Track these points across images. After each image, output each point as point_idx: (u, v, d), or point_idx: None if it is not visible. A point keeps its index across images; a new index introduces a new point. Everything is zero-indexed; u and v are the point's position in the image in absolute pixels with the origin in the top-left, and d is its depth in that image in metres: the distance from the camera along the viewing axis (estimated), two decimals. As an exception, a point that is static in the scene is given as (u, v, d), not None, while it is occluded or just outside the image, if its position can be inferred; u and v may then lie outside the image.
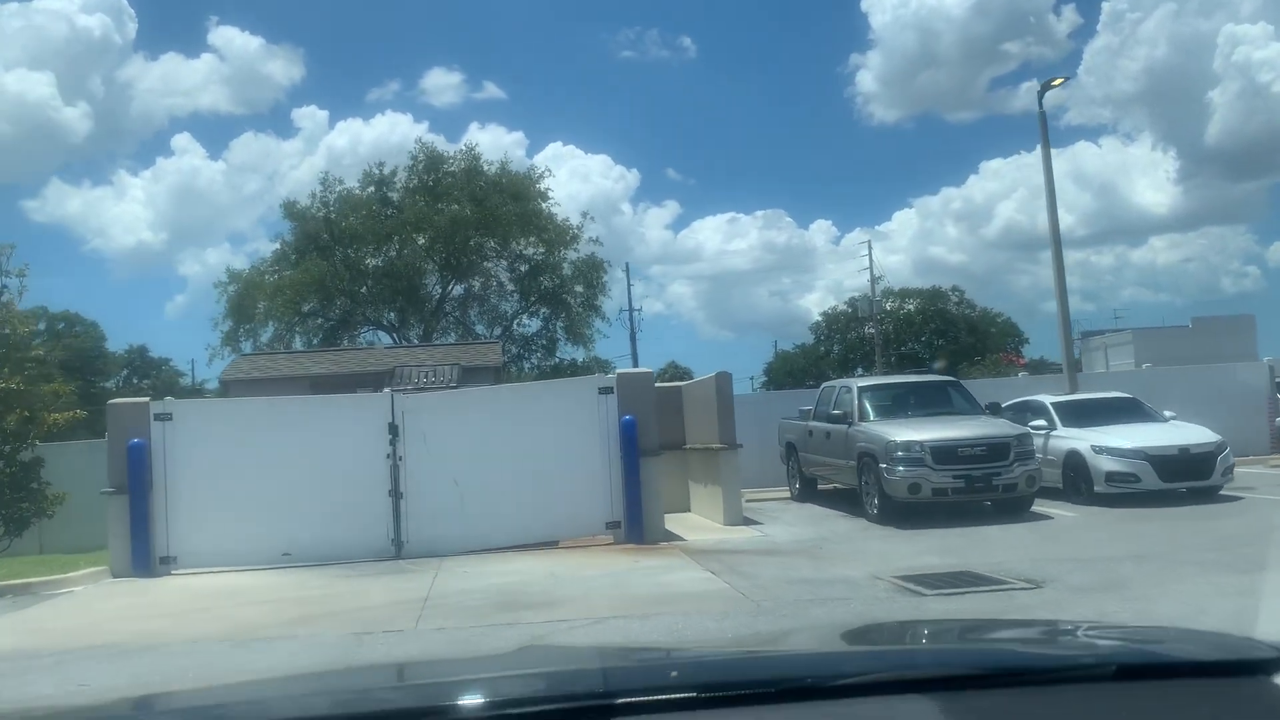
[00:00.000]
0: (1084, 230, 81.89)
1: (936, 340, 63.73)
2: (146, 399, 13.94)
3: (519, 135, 68.21)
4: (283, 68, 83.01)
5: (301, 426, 13.25)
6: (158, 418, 13.02)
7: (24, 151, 67.07)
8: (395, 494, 13.02)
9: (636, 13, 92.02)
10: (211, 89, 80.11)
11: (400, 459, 13.08)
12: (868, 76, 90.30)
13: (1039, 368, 42.43)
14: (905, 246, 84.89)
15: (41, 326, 60.84)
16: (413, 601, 9.59)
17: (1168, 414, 16.19)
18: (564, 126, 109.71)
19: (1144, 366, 21.66)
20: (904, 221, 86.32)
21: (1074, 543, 11.63)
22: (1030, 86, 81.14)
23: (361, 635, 8.18)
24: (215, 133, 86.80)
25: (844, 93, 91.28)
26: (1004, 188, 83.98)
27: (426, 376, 18.09)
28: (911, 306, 64.88)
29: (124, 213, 77.84)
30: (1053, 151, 20.94)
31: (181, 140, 78.26)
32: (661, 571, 10.83)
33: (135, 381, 63.33)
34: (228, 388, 19.84)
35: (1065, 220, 20.68)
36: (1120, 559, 10.22)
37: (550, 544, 13.02)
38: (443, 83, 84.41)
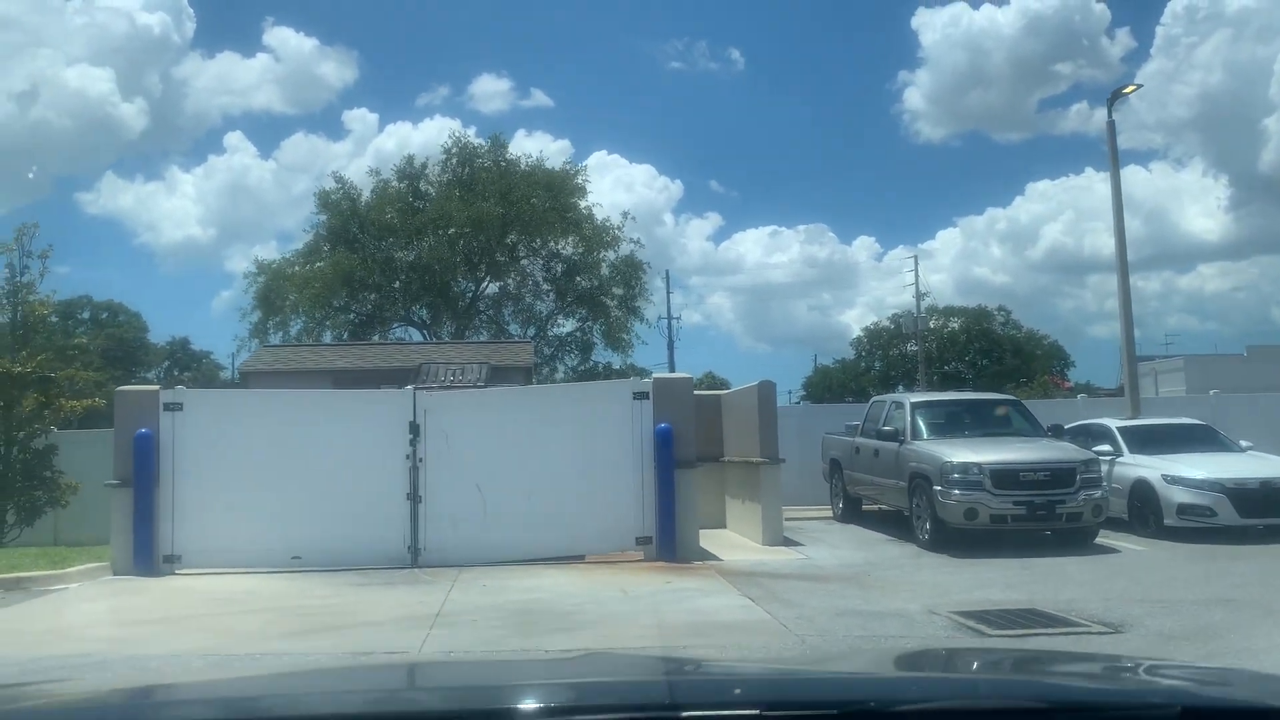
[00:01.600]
0: (1131, 255, 79.07)
1: (981, 360, 62.40)
2: (156, 387, 13.24)
3: (564, 143, 68.01)
4: (335, 70, 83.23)
5: (318, 422, 12.50)
6: (167, 407, 12.31)
7: (82, 145, 67.95)
8: (414, 497, 12.22)
9: (685, 24, 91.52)
10: (265, 89, 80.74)
11: (420, 460, 12.28)
12: (916, 94, 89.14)
13: (1089, 392, 41.05)
14: (948, 265, 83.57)
15: (85, 315, 61.47)
16: (422, 618, 8.74)
17: (1244, 443, 15.03)
18: (609, 135, 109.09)
19: (1211, 392, 20.41)
20: (948, 240, 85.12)
21: (1149, 581, 10.58)
22: (1080, 108, 79.99)
23: (358, 655, 7.35)
24: (267, 132, 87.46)
25: (891, 109, 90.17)
26: (1051, 210, 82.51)
27: (454, 375, 17.35)
28: (956, 325, 63.55)
29: (175, 208, 78.68)
30: (1101, 175, 19.86)
31: (234, 138, 78.81)
32: (695, 595, 9.92)
33: (176, 373, 63.67)
34: (247, 379, 19.25)
35: (1112, 244, 19.59)
36: (1206, 603, 9.18)
37: (576, 558, 12.17)
38: (491, 89, 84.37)
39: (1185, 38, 71.75)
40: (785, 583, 10.57)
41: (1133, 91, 20.36)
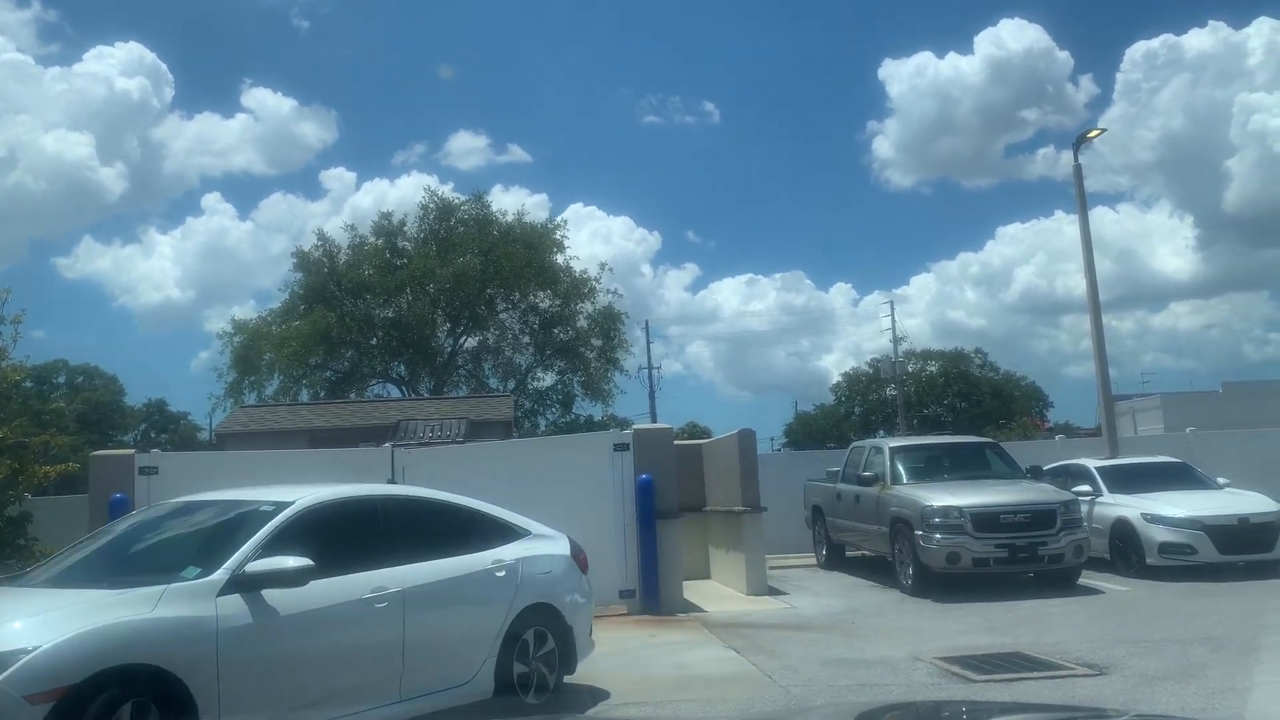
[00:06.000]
0: (1103, 295, 79.47)
1: (959, 403, 62.68)
2: (132, 451, 13.13)
3: (542, 197, 68.22)
4: (313, 129, 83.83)
5: (294, 483, 12.36)
6: (143, 471, 12.22)
7: (59, 210, 67.99)
8: (393, 557, 12.06)
9: (660, 79, 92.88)
10: (243, 149, 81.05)
11: (399, 519, 12.15)
12: (885, 143, 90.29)
13: (1067, 433, 41.25)
14: (924, 310, 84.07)
15: (60, 380, 61.00)
16: (403, 679, 8.61)
17: (1221, 480, 15.14)
18: (586, 188, 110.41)
19: (1188, 430, 20.55)
20: (922, 285, 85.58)
21: (1133, 621, 10.60)
22: (1047, 153, 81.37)
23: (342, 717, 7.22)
24: (245, 193, 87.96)
25: (861, 159, 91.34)
26: (1022, 253, 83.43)
27: (432, 431, 17.28)
28: (934, 368, 63.89)
29: (152, 270, 78.51)
30: (1071, 217, 20.19)
31: (211, 200, 79.01)
32: (680, 649, 9.85)
33: (154, 435, 63.21)
34: (224, 441, 19.13)
35: (1085, 285, 19.88)
36: (1190, 641, 9.20)
37: (560, 613, 12.01)
38: (468, 145, 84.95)
39: (1146, 83, 73.17)
40: (770, 633, 10.51)
41: (1097, 136, 20.66)
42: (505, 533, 7.61)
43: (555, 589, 7.52)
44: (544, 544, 7.81)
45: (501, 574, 7.16)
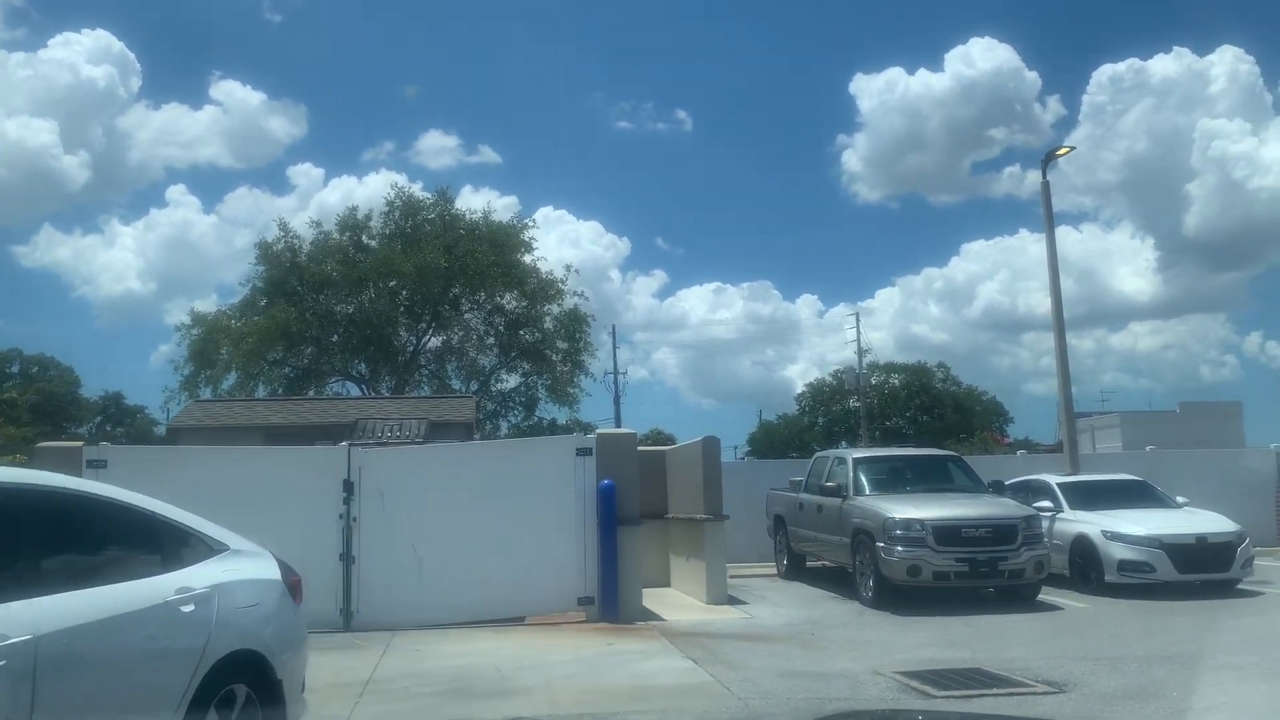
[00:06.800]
0: (1065, 314, 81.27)
1: (921, 416, 63.02)
2: (80, 443, 12.78)
3: (511, 199, 68.18)
4: (282, 124, 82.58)
5: (248, 480, 12.06)
6: (90, 464, 11.87)
7: (19, 197, 66.61)
8: (346, 558, 11.83)
9: (634, 85, 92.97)
10: (210, 142, 79.70)
11: (354, 520, 11.92)
12: (854, 156, 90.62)
13: (1028, 448, 41.58)
14: (887, 323, 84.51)
15: (14, 370, 59.86)
16: (352, 685, 8.41)
17: (1180, 499, 15.22)
18: (557, 192, 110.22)
19: (1147, 449, 20.74)
20: (886, 299, 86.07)
21: (1092, 638, 10.58)
22: (1013, 171, 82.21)
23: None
24: (211, 185, 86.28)
25: (830, 171, 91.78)
26: (986, 269, 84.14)
27: (391, 431, 17.00)
28: (897, 381, 64.23)
29: (114, 261, 77.10)
30: (1035, 236, 20.30)
31: (176, 192, 77.89)
32: (637, 658, 9.67)
33: (109, 428, 62.16)
34: (177, 435, 18.75)
35: (1047, 303, 20.04)
36: (1148, 659, 9.17)
37: (516, 620, 11.86)
38: (438, 145, 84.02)
39: (1111, 106, 74.06)
40: (729, 643, 10.37)
41: (1065, 154, 20.83)
42: (193, 547, 5.32)
43: (263, 629, 5.37)
44: (246, 564, 5.61)
45: (190, 609, 4.87)
